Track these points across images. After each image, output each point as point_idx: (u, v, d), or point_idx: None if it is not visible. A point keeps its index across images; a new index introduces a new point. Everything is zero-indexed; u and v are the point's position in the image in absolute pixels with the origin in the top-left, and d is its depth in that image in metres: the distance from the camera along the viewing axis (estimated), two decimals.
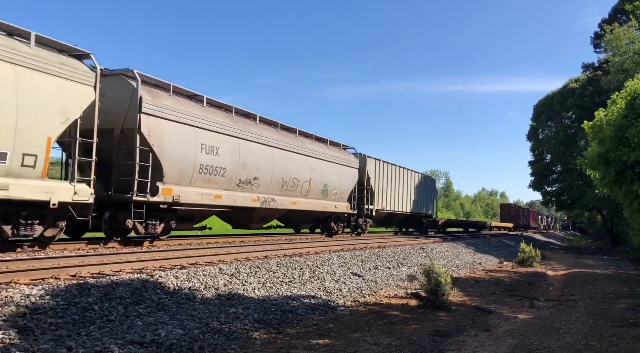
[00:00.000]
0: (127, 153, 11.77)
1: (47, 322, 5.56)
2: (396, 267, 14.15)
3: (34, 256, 8.91)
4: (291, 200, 17.83)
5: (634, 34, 24.51)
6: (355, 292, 10.30)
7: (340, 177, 21.09)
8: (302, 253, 12.79)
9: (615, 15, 31.22)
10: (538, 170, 40.05)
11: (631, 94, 10.00)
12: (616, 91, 11.56)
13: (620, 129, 9.52)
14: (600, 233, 52.18)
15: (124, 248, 11.50)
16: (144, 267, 8.65)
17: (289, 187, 17.57)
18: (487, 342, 6.98)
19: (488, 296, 11.44)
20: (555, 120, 37.59)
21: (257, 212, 16.51)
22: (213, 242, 14.75)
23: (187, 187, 13.02)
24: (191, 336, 5.85)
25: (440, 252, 19.25)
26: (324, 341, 6.46)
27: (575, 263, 22.67)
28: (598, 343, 7.02)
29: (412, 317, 8.34)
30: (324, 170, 19.68)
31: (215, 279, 8.66)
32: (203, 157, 13.41)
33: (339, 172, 20.93)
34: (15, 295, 5.97)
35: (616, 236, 36.72)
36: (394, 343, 6.52)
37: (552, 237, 60.60)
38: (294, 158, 17.77)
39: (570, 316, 9.15)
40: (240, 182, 15.05)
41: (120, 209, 11.67)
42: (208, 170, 13.65)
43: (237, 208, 15.36)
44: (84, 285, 6.75)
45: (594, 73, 34.10)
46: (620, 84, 16.72)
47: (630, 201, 9.88)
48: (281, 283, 9.56)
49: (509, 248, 28.15)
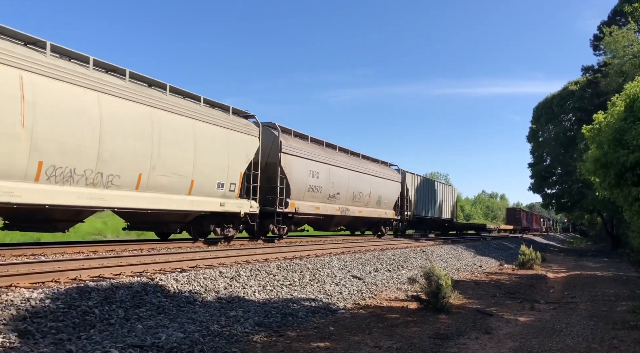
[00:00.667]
0: (269, 179, 16.85)
1: (47, 326, 5.56)
2: (396, 270, 14.13)
3: (34, 259, 8.91)
4: (358, 209, 22.89)
5: (633, 37, 24.53)
6: (355, 294, 10.29)
7: (389, 189, 26.26)
8: (302, 256, 12.78)
9: (615, 17, 31.27)
10: (538, 172, 40.02)
11: (630, 97, 10.02)
12: (615, 93, 11.57)
13: (619, 132, 9.53)
14: (601, 236, 52.16)
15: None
16: (144, 270, 8.65)
17: (357, 199, 22.70)
18: (488, 344, 6.97)
19: (488, 299, 11.42)
20: (555, 123, 37.60)
21: (336, 218, 21.68)
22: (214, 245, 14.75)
23: (302, 201, 18.25)
24: (192, 339, 5.84)
25: (441, 254, 19.23)
26: (324, 344, 6.45)
27: (575, 266, 22.65)
28: (599, 345, 7.01)
29: (412, 320, 8.33)
30: (378, 185, 24.80)
31: (215, 282, 8.66)
32: (310, 180, 18.77)
33: (387, 186, 26.08)
34: (15, 299, 5.96)
35: (616, 238, 36.67)
36: (395, 346, 6.51)
37: (552, 239, 60.54)
38: (360, 177, 22.94)
39: (571, 318, 9.13)
40: (330, 197, 20.29)
41: (266, 217, 16.73)
42: (313, 189, 19.00)
43: (326, 216, 20.53)
44: (84, 288, 6.74)
45: (593, 75, 34.14)
46: (619, 87, 16.73)
47: (630, 204, 9.88)
48: (281, 286, 9.55)
49: (509, 250, 28.12)
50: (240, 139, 14.93)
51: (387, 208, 26.08)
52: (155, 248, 12.90)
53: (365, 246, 17.48)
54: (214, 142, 13.88)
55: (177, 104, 12.87)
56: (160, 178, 12.12)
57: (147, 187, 11.82)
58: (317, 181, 19.08)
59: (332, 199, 20.41)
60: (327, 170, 19.88)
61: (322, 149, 20.41)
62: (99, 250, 11.37)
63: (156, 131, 11.96)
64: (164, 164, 12.15)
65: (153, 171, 11.86)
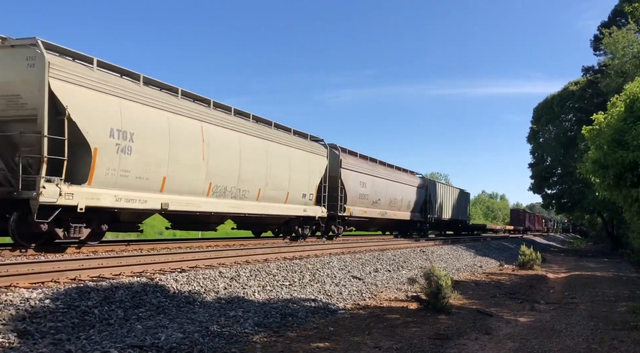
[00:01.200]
0: (332, 189, 20.49)
1: (46, 326, 5.55)
2: (396, 270, 14.12)
3: (33, 259, 8.91)
4: (393, 213, 27.05)
5: (633, 37, 24.51)
6: (355, 295, 10.28)
7: (416, 195, 30.39)
8: (302, 256, 12.78)
9: (615, 18, 31.26)
10: (538, 172, 40.02)
11: (630, 97, 10.01)
12: (615, 94, 11.56)
13: (618, 133, 9.52)
14: (601, 236, 52.16)
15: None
16: (144, 271, 8.64)
17: (392, 204, 26.66)
18: (488, 345, 6.97)
19: (488, 299, 11.41)
20: (555, 123, 37.58)
21: (376, 220, 25.83)
22: (213, 245, 14.75)
23: (354, 206, 22.10)
24: (191, 339, 5.84)
25: (441, 254, 19.22)
26: (324, 344, 6.45)
27: (575, 266, 22.64)
28: (599, 346, 7.00)
29: (412, 320, 8.32)
30: (408, 192, 29.09)
31: (215, 282, 8.65)
32: (360, 189, 22.76)
33: (415, 192, 30.25)
34: (14, 299, 5.95)
35: (617, 239, 36.66)
36: (395, 347, 6.50)
37: (552, 239, 60.55)
38: (394, 185, 27.06)
39: (571, 319, 9.13)
40: (374, 203, 24.18)
41: (329, 220, 20.61)
42: (362, 197, 22.88)
43: (370, 219, 24.48)
44: (83, 288, 6.74)
45: (594, 76, 34.12)
46: (619, 87, 16.71)
47: (630, 204, 9.87)
48: (281, 287, 9.55)
49: (509, 251, 28.11)
50: (315, 159, 19.40)
51: (414, 212, 30.48)
52: (155, 248, 12.90)
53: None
54: (300, 162, 18.20)
55: (279, 135, 17.25)
56: (270, 191, 16.34)
57: (262, 198, 15.98)
58: (364, 190, 23.25)
59: (375, 204, 24.53)
60: (371, 180, 24.03)
61: (367, 162, 24.62)
62: (99, 250, 11.36)
63: (268, 157, 16.16)
64: (272, 181, 16.34)
65: (266, 186, 16.07)
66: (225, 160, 14.02)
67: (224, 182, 14.02)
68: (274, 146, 16.46)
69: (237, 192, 14.58)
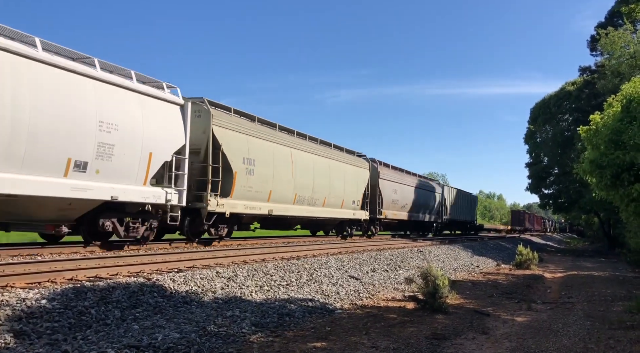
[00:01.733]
0: (372, 196, 24.32)
1: (43, 326, 5.54)
2: (394, 270, 14.14)
3: (30, 260, 8.88)
4: (418, 215, 31.36)
5: (630, 37, 24.57)
6: (352, 294, 10.29)
7: (434, 199, 35.08)
8: (299, 256, 12.78)
9: (612, 18, 31.31)
10: (535, 172, 40.09)
11: (626, 98, 10.04)
12: (612, 94, 11.59)
13: (615, 133, 9.54)
14: (598, 236, 52.27)
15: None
16: (141, 271, 8.63)
17: (416, 208, 31.03)
18: (485, 344, 6.98)
19: (485, 299, 11.43)
20: (552, 123, 37.65)
21: (404, 222, 30.07)
22: (210, 246, 14.72)
23: (387, 210, 26.00)
24: (188, 340, 5.83)
25: (438, 254, 19.24)
26: (321, 344, 6.45)
27: (572, 266, 22.70)
28: (595, 345, 7.02)
29: (409, 320, 8.33)
30: (431, 197, 34.21)
31: (212, 282, 8.64)
32: (393, 195, 27.08)
33: (433, 196, 34.81)
34: (11, 299, 5.94)
35: (613, 238, 36.76)
36: (392, 347, 6.51)
37: (549, 239, 60.70)
38: (419, 191, 31.51)
39: (567, 319, 9.15)
40: (402, 206, 28.64)
41: (370, 221, 24.50)
42: (394, 201, 27.20)
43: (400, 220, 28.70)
44: (80, 288, 6.72)
45: (591, 76, 34.18)
46: (616, 88, 16.75)
47: (626, 204, 9.90)
48: (279, 287, 9.55)
49: (506, 250, 28.17)
50: (361, 172, 23.31)
51: (434, 214, 35.22)
52: (151, 248, 12.87)
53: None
54: (351, 175, 22.11)
55: (337, 154, 21.41)
56: (332, 199, 20.32)
57: (326, 205, 20.02)
58: (396, 196, 27.49)
59: (404, 208, 28.86)
60: (401, 188, 28.44)
61: (397, 172, 28.77)
62: (96, 250, 11.33)
63: (330, 172, 20.29)
64: (333, 191, 20.41)
65: (329, 195, 20.18)
66: (305, 176, 18.34)
67: (304, 193, 18.26)
68: (334, 163, 20.88)
69: (310, 200, 18.83)
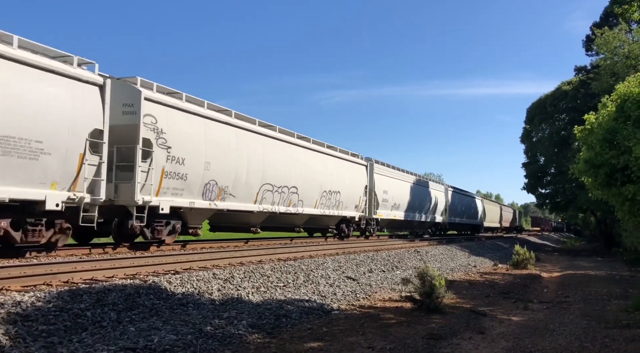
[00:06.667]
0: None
1: (38, 329, 5.52)
2: (391, 271, 14.14)
3: (25, 262, 8.86)
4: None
5: (624, 37, 24.67)
6: (349, 295, 10.29)
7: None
8: (296, 257, 12.78)
9: (607, 18, 31.45)
10: (532, 172, 40.20)
11: (621, 97, 10.08)
12: (606, 94, 11.63)
13: (609, 133, 9.58)
14: (594, 235, 52.46)
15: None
16: (137, 273, 8.61)
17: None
18: (481, 344, 6.99)
19: (482, 298, 11.45)
20: (549, 123, 37.78)
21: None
22: (207, 247, 14.71)
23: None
24: (184, 341, 5.82)
25: (435, 255, 19.26)
26: (318, 345, 6.45)
27: (569, 265, 22.76)
28: (591, 344, 7.04)
29: (406, 320, 8.34)
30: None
31: (209, 284, 8.63)
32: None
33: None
34: (6, 302, 5.92)
35: (610, 238, 36.87)
36: (388, 347, 6.52)
37: (546, 239, 60.84)
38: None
39: (564, 318, 9.18)
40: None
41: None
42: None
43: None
44: (76, 291, 6.70)
45: (586, 76, 34.31)
46: (611, 87, 16.81)
47: (621, 203, 9.93)
48: (275, 288, 9.54)
49: (503, 250, 28.22)
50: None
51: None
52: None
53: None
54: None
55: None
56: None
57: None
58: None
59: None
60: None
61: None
62: (92, 252, 11.31)
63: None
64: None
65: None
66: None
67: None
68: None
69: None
